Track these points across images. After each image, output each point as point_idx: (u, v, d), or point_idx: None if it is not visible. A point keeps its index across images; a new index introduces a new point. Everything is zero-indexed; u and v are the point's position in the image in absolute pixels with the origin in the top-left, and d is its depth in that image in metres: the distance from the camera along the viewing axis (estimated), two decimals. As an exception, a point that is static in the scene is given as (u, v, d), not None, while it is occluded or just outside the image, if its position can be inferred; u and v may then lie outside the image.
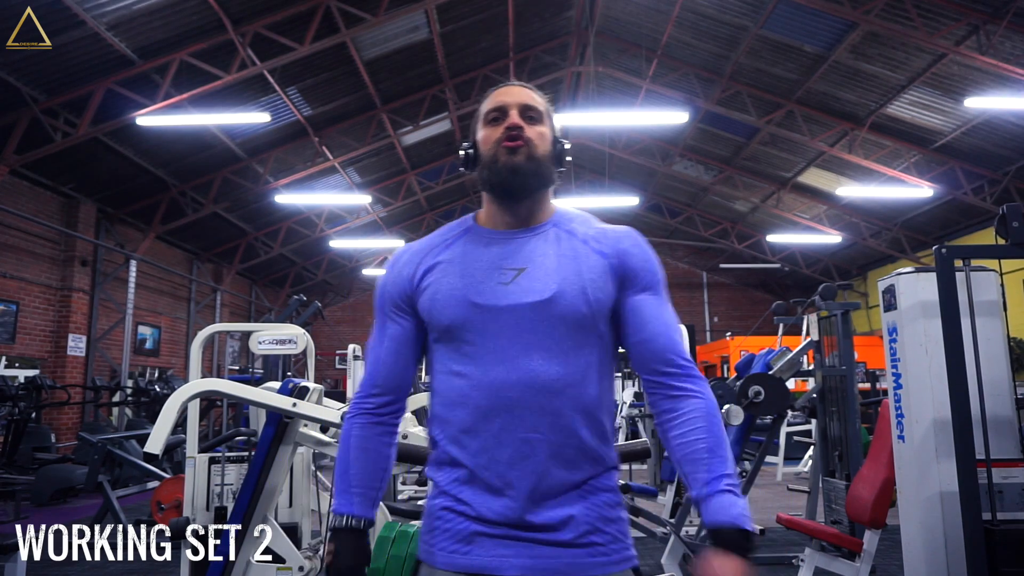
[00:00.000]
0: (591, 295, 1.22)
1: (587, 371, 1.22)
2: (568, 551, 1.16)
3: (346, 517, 1.25)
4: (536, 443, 1.16)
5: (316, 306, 7.90)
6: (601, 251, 1.26)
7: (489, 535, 1.17)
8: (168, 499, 5.57)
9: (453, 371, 1.23)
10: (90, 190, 11.60)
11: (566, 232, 1.29)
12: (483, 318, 1.21)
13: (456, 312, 1.22)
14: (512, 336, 1.20)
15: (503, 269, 1.24)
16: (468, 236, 1.31)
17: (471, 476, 1.19)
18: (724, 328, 20.24)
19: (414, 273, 1.30)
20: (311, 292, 20.01)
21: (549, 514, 1.16)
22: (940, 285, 2.92)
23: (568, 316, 1.20)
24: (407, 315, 1.31)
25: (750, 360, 4.98)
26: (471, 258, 1.27)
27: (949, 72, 10.13)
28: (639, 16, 11.50)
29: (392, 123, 12.78)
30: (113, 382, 11.37)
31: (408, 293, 1.30)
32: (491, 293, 1.22)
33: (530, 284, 1.22)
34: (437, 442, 1.26)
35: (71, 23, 7.78)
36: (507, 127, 1.27)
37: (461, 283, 1.24)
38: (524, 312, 1.20)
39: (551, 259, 1.24)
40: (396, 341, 1.31)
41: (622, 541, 1.21)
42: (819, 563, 3.69)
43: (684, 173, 16.42)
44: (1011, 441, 3.07)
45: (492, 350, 1.20)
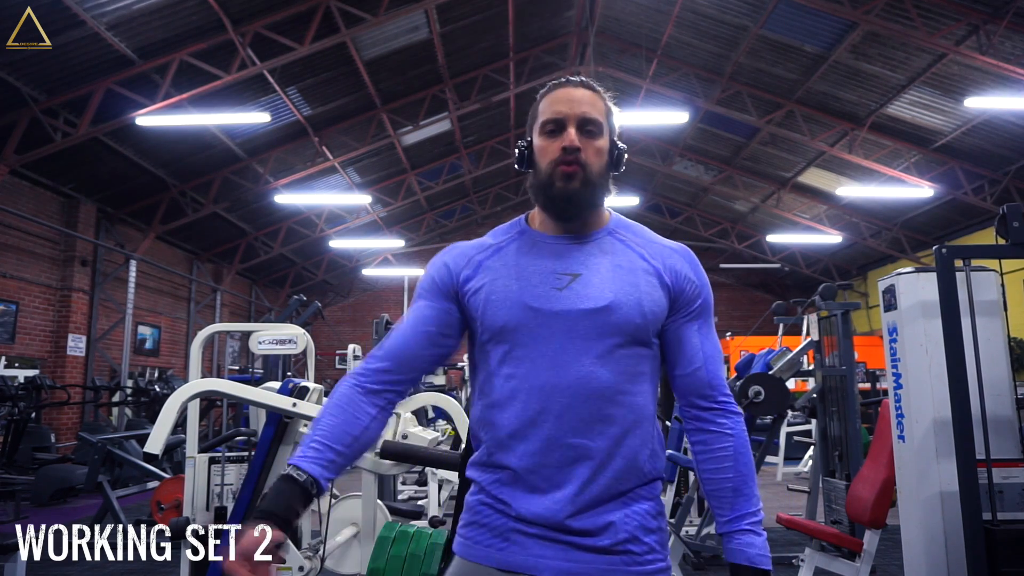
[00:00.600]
0: (647, 308, 1.22)
1: (637, 381, 1.23)
2: (604, 557, 1.16)
3: (290, 466, 1.18)
4: (584, 449, 1.17)
5: (316, 306, 7.91)
6: (657, 269, 1.27)
7: (527, 534, 1.17)
8: (168, 499, 5.57)
9: (503, 373, 1.22)
10: (90, 190, 11.60)
11: (620, 241, 1.30)
12: (537, 321, 1.21)
13: (510, 314, 1.22)
14: (564, 341, 1.20)
15: (557, 274, 1.24)
16: (522, 239, 1.31)
17: (515, 478, 1.19)
18: (724, 328, 20.21)
19: (461, 269, 1.29)
20: (311, 292, 20.00)
21: (589, 519, 1.17)
22: (940, 285, 2.92)
23: (622, 326, 1.21)
24: (444, 301, 1.29)
25: (750, 360, 4.98)
26: (525, 261, 1.27)
27: (949, 72, 10.13)
28: (639, 16, 11.50)
29: (392, 123, 12.78)
30: (113, 382, 11.37)
31: (451, 283, 1.29)
32: (545, 297, 1.22)
33: (585, 291, 1.22)
34: (482, 444, 1.25)
35: (71, 23, 7.78)
36: (564, 147, 1.24)
37: (516, 285, 1.24)
38: (577, 318, 1.21)
39: (606, 268, 1.25)
40: (423, 320, 1.30)
41: (659, 552, 1.21)
42: (819, 563, 3.69)
43: (684, 173, 16.42)
44: (1011, 441, 3.07)
45: (544, 354, 1.20)
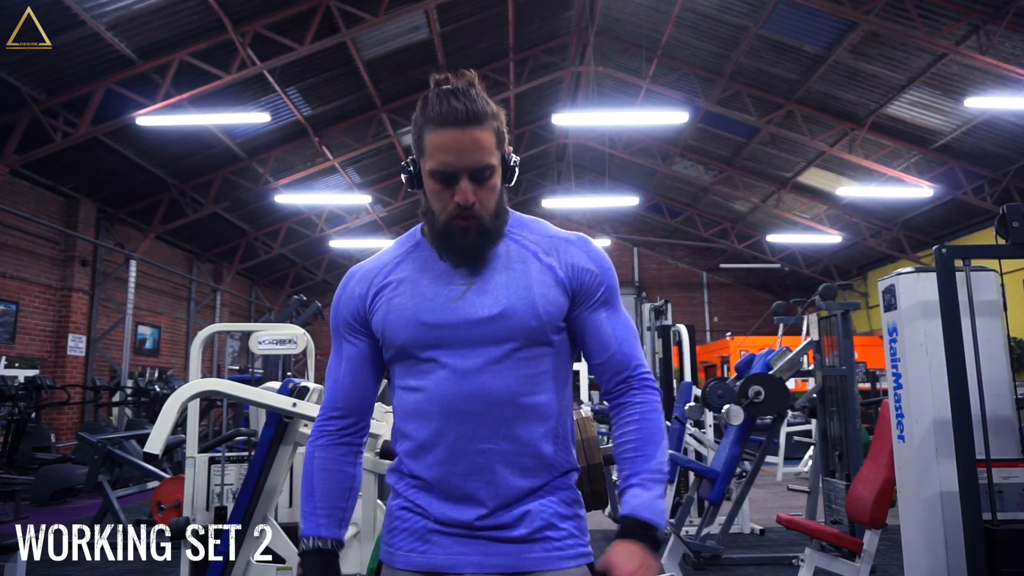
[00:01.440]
0: (541, 309, 1.22)
1: (539, 380, 1.23)
2: (523, 547, 1.17)
3: (312, 539, 1.25)
4: (490, 454, 1.18)
5: (316, 306, 7.91)
6: (551, 265, 1.26)
7: (445, 533, 1.19)
8: (168, 499, 5.57)
9: (409, 387, 1.24)
10: (90, 190, 11.60)
11: (516, 242, 1.28)
12: (435, 336, 1.21)
13: (408, 332, 1.22)
14: (464, 352, 1.20)
15: (453, 284, 1.24)
16: (416, 252, 1.30)
17: (428, 486, 1.21)
18: (724, 328, 20.23)
19: (366, 293, 1.29)
20: (311, 292, 19.98)
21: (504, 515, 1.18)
22: (940, 285, 2.92)
23: (518, 330, 1.20)
24: (361, 335, 1.30)
25: (750, 360, 4.98)
26: (420, 276, 1.27)
27: (949, 72, 10.13)
28: (639, 16, 11.50)
29: (392, 123, 12.78)
30: (113, 382, 11.37)
31: (361, 313, 1.29)
32: (440, 311, 1.22)
33: (479, 299, 1.22)
34: (397, 454, 1.27)
35: (71, 23, 7.78)
36: (458, 203, 1.20)
37: (412, 303, 1.24)
38: (474, 328, 1.20)
39: (500, 273, 1.24)
40: (353, 362, 1.31)
41: (578, 537, 1.22)
42: (819, 563, 3.69)
43: (684, 173, 16.42)
44: (1011, 441, 3.07)
45: (444, 366, 1.20)
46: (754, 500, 6.99)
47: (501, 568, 1.17)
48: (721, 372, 14.74)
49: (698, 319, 21.06)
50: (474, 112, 1.21)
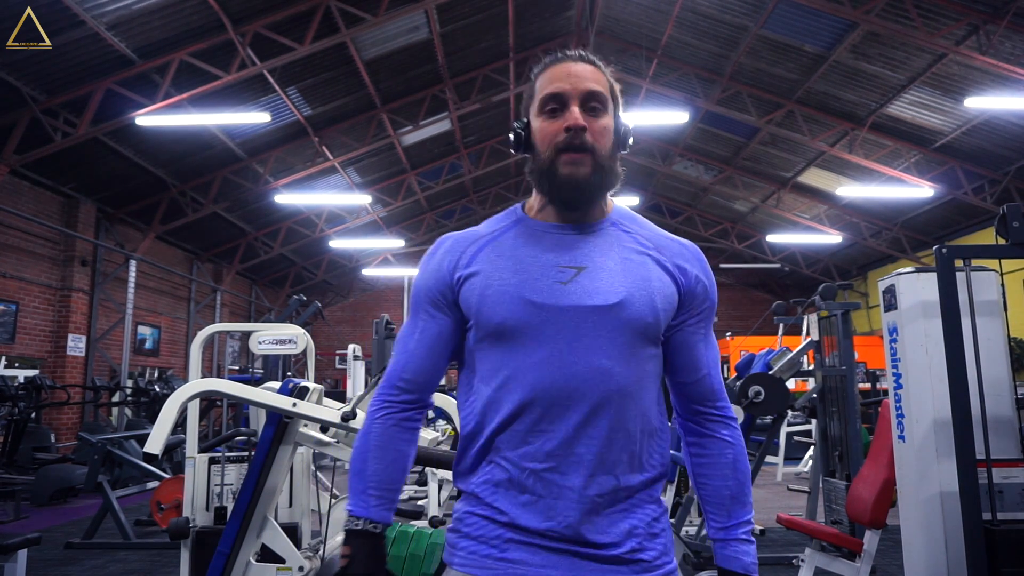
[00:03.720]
0: (659, 305, 1.15)
1: (647, 380, 1.16)
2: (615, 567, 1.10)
3: (363, 521, 1.16)
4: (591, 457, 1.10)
5: (316, 306, 7.91)
6: (666, 265, 1.19)
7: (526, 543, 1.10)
8: (168, 499, 5.57)
9: (502, 374, 1.13)
10: (90, 190, 11.61)
11: (627, 233, 1.21)
12: (541, 318, 1.11)
13: (510, 310, 1.12)
14: (572, 339, 1.11)
15: (560, 267, 1.15)
16: (518, 229, 1.21)
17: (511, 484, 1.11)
18: (724, 328, 20.21)
19: (455, 265, 1.19)
20: (311, 292, 20.01)
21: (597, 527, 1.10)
22: (940, 285, 2.92)
23: (634, 323, 1.13)
24: (445, 312, 1.20)
25: (750, 360, 4.98)
26: (523, 252, 1.17)
27: (949, 72, 10.14)
28: (639, 16, 11.50)
29: (392, 123, 12.78)
30: (113, 382, 11.37)
31: (447, 286, 1.19)
32: (549, 292, 1.13)
33: (592, 285, 1.13)
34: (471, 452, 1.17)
35: (71, 23, 7.78)
36: (567, 127, 1.14)
37: (515, 279, 1.14)
38: (586, 315, 1.12)
39: (614, 261, 1.16)
40: (430, 336, 1.21)
41: (667, 555, 1.17)
42: (819, 563, 3.69)
43: (684, 173, 16.42)
44: (1011, 441, 3.06)
45: (549, 353, 1.11)
46: (754, 500, 6.97)
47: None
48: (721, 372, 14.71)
49: (698, 319, 21.03)
50: (586, 56, 1.21)
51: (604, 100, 1.19)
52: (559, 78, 1.17)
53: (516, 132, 1.22)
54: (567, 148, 1.14)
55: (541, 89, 1.19)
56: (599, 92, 1.18)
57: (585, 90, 1.16)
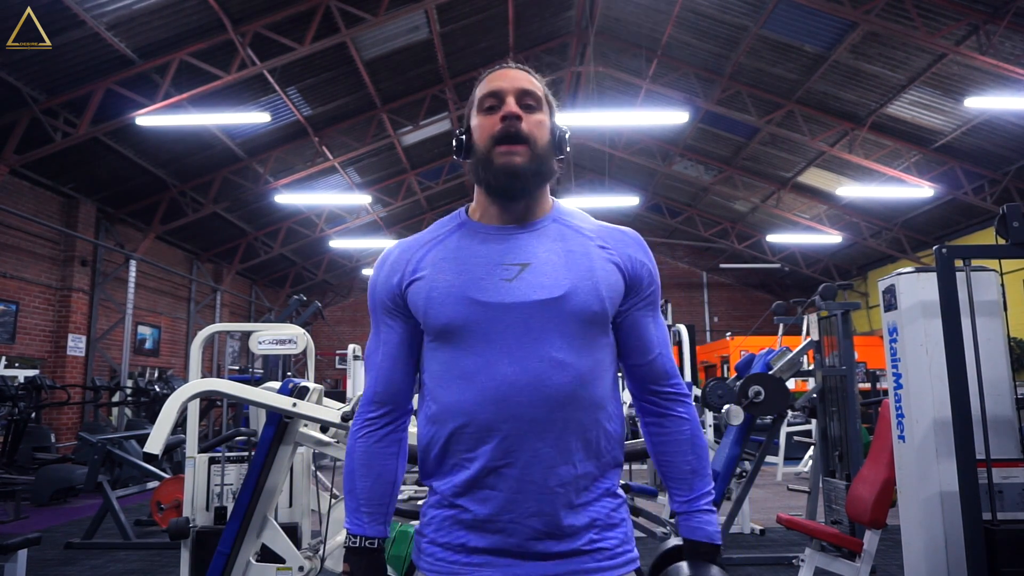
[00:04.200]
0: (604, 294, 1.17)
1: (600, 369, 1.18)
2: (576, 559, 1.13)
3: (359, 538, 1.23)
4: (550, 444, 1.12)
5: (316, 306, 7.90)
6: (611, 255, 1.21)
7: (489, 547, 1.13)
8: (168, 499, 5.57)
9: (452, 375, 1.15)
10: (90, 190, 11.61)
11: (568, 227, 1.23)
12: (486, 316, 1.13)
13: (455, 311, 1.14)
14: (520, 334, 1.13)
15: (504, 265, 1.17)
16: (462, 232, 1.24)
17: (473, 483, 1.14)
18: (724, 328, 20.24)
19: (403, 270, 1.22)
20: (311, 292, 20.01)
21: (558, 519, 1.12)
22: (940, 285, 2.91)
23: (581, 313, 1.15)
24: (400, 318, 1.23)
25: (750, 360, 4.98)
26: (467, 253, 1.19)
27: (949, 72, 10.14)
28: (639, 16, 11.50)
29: (392, 123, 12.78)
30: (113, 382, 11.37)
31: (397, 294, 1.22)
32: (494, 290, 1.15)
33: (537, 280, 1.15)
34: (432, 454, 1.19)
35: (71, 23, 7.78)
36: (503, 116, 1.18)
37: (459, 280, 1.16)
38: (532, 310, 1.13)
39: (557, 255, 1.18)
40: (393, 346, 1.25)
41: (627, 543, 1.20)
42: (819, 563, 3.69)
43: (684, 173, 16.42)
44: (1011, 441, 3.06)
45: (498, 351, 1.12)
46: (754, 500, 6.99)
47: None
48: (721, 372, 14.73)
49: (698, 319, 21.07)
50: (523, 66, 1.28)
51: (539, 99, 1.24)
52: (495, 79, 1.24)
53: (458, 138, 1.27)
54: (503, 139, 1.18)
55: (480, 92, 1.25)
56: (533, 91, 1.23)
57: (520, 87, 1.22)
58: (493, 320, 1.14)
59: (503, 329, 1.13)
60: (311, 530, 3.81)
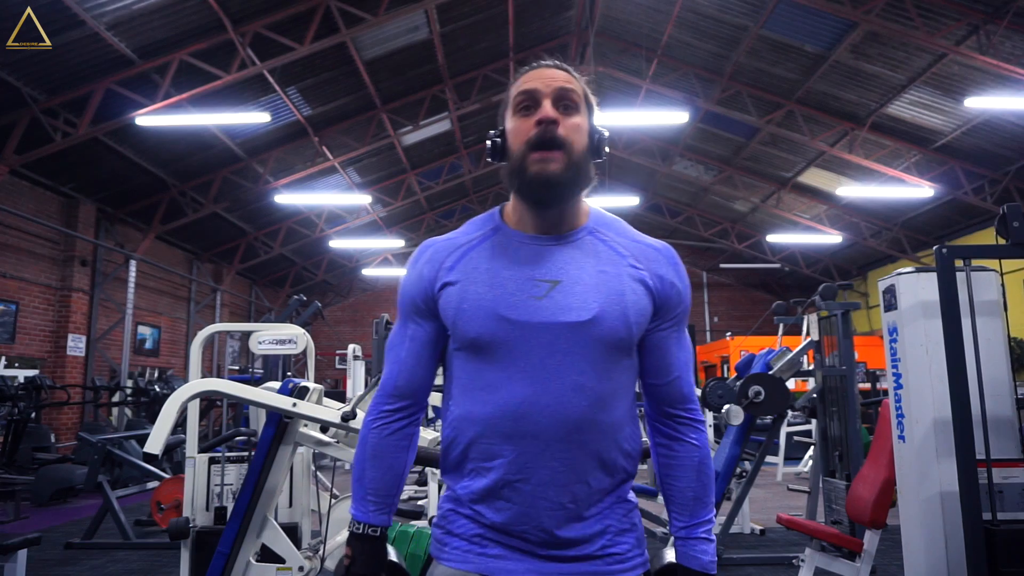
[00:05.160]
0: (632, 319, 1.16)
1: (618, 394, 1.19)
2: (587, 564, 1.16)
3: (363, 525, 1.25)
4: (566, 464, 1.14)
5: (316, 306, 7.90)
6: (643, 274, 1.20)
7: (505, 544, 1.16)
8: (168, 499, 5.57)
9: (477, 387, 1.17)
10: (90, 190, 11.61)
11: (603, 242, 1.22)
12: (514, 335, 1.14)
13: (484, 325, 1.15)
14: (545, 356, 1.13)
15: (536, 280, 1.17)
16: (496, 238, 1.23)
17: (488, 492, 1.16)
18: (724, 328, 20.23)
19: (435, 275, 1.22)
20: (311, 292, 20.01)
21: (571, 529, 1.15)
22: (940, 285, 2.91)
23: (607, 339, 1.14)
24: (428, 318, 1.24)
25: (750, 360, 4.98)
26: (499, 265, 1.19)
27: (949, 72, 10.14)
28: (639, 16, 11.50)
29: (392, 123, 12.78)
30: (113, 382, 11.37)
31: (429, 295, 1.22)
32: (524, 308, 1.15)
33: (566, 301, 1.15)
34: (452, 456, 1.22)
35: (71, 23, 7.78)
36: (539, 120, 1.16)
37: (490, 293, 1.16)
38: (560, 331, 1.14)
39: (589, 274, 1.17)
40: (419, 344, 1.25)
41: (638, 548, 1.21)
42: (819, 563, 3.69)
43: (684, 173, 16.42)
44: (1011, 441, 3.06)
45: (522, 369, 1.13)
46: (754, 500, 6.99)
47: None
48: (721, 372, 14.73)
49: (698, 319, 21.08)
50: (564, 66, 1.23)
51: (577, 100, 1.20)
52: (533, 78, 1.20)
53: (493, 140, 1.24)
54: (539, 144, 1.15)
55: (515, 91, 1.22)
56: (572, 90, 1.19)
57: (558, 87, 1.18)
58: (520, 339, 1.14)
59: (529, 349, 1.14)
60: (311, 530, 3.80)
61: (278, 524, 3.08)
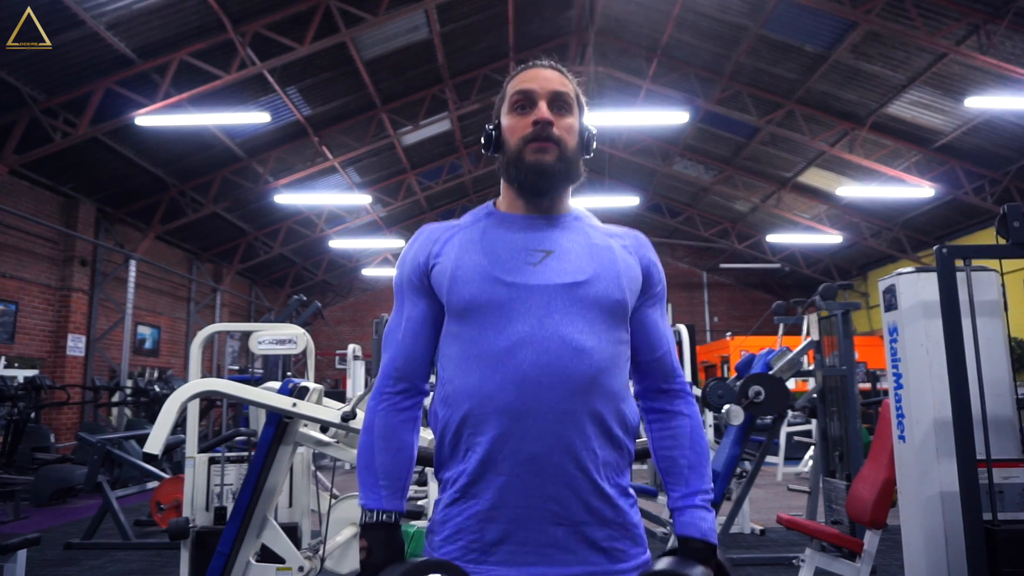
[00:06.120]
0: (625, 283, 1.21)
1: (620, 361, 1.20)
2: (590, 557, 1.15)
3: (376, 512, 1.21)
4: (572, 428, 1.12)
5: (316, 306, 7.89)
6: (629, 251, 1.27)
7: (503, 540, 1.14)
8: (168, 499, 5.57)
9: (471, 354, 1.16)
10: (90, 190, 11.60)
11: (589, 226, 1.28)
12: (510, 296, 1.15)
13: (480, 288, 1.16)
14: (542, 315, 1.14)
15: (530, 250, 1.20)
16: (489, 220, 1.27)
17: (487, 467, 1.14)
18: (724, 328, 20.23)
19: (429, 252, 1.25)
20: (311, 292, 20.01)
21: (574, 511, 1.13)
22: (941, 285, 2.91)
23: (603, 300, 1.18)
24: (425, 296, 1.25)
25: (750, 360, 4.98)
26: (493, 237, 1.23)
27: (949, 72, 10.13)
28: (639, 16, 11.50)
29: (392, 123, 12.78)
30: (112, 382, 11.37)
31: (424, 272, 1.24)
32: (519, 271, 1.18)
33: (561, 266, 1.19)
34: (447, 439, 1.19)
35: (71, 23, 7.78)
36: (535, 120, 1.21)
37: (485, 260, 1.19)
38: (556, 292, 1.16)
39: (581, 246, 1.22)
40: (415, 323, 1.26)
41: (639, 546, 1.21)
42: (819, 563, 3.69)
43: (684, 173, 16.42)
44: (1011, 441, 3.06)
45: (519, 331, 1.13)
46: (754, 500, 6.99)
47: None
48: (721, 372, 14.73)
49: (698, 319, 21.07)
50: (555, 65, 1.30)
51: (570, 102, 1.26)
52: (528, 79, 1.26)
53: (488, 133, 1.29)
54: (535, 138, 1.21)
55: (512, 89, 1.27)
56: (566, 93, 1.25)
57: (552, 90, 1.24)
58: (516, 300, 1.16)
59: (526, 309, 1.15)
60: (311, 530, 3.80)
61: (278, 524, 3.08)
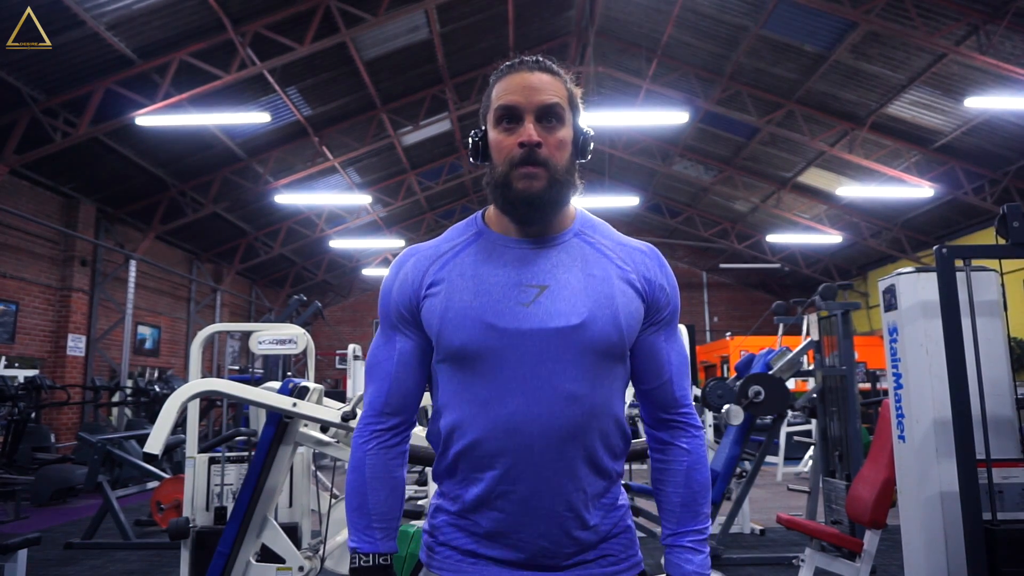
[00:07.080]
0: (623, 323, 1.13)
1: (615, 397, 1.16)
2: (580, 568, 1.14)
3: (373, 556, 1.16)
4: (559, 470, 1.11)
5: (316, 306, 7.90)
6: (631, 278, 1.17)
7: (496, 557, 1.13)
8: (168, 499, 5.57)
9: (464, 398, 1.13)
10: (90, 190, 11.60)
11: (589, 244, 1.19)
12: (501, 343, 1.10)
13: (470, 335, 1.11)
14: (535, 364, 1.09)
15: (522, 286, 1.13)
16: (479, 243, 1.19)
17: (480, 502, 1.13)
18: (724, 328, 20.23)
19: (420, 282, 1.18)
20: (311, 292, 20.00)
21: (565, 532, 1.12)
22: (940, 285, 2.91)
23: (599, 344, 1.11)
24: (414, 328, 1.19)
25: (750, 360, 4.98)
26: (484, 271, 1.15)
27: (949, 72, 10.13)
28: (639, 16, 11.50)
29: (392, 123, 12.78)
30: (113, 382, 11.37)
31: (414, 304, 1.18)
32: (511, 315, 1.11)
33: (554, 306, 1.11)
34: (443, 465, 1.18)
35: (71, 23, 7.78)
36: (522, 142, 1.11)
37: (476, 302, 1.12)
38: (549, 338, 1.10)
39: (576, 277, 1.14)
40: (407, 355, 1.20)
41: (631, 548, 1.20)
42: (819, 563, 3.69)
43: (684, 173, 16.42)
44: (1011, 441, 3.06)
45: (511, 379, 1.10)
46: (754, 500, 6.99)
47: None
48: (721, 372, 14.73)
49: (698, 319, 21.07)
50: (543, 64, 1.17)
51: (561, 112, 1.15)
52: (514, 90, 1.14)
53: (474, 141, 1.20)
54: (522, 162, 1.12)
55: (496, 99, 1.16)
56: (555, 104, 1.14)
57: (540, 103, 1.13)
58: (508, 347, 1.10)
59: (518, 358, 1.10)
60: (311, 530, 3.81)
61: (278, 524, 3.08)
